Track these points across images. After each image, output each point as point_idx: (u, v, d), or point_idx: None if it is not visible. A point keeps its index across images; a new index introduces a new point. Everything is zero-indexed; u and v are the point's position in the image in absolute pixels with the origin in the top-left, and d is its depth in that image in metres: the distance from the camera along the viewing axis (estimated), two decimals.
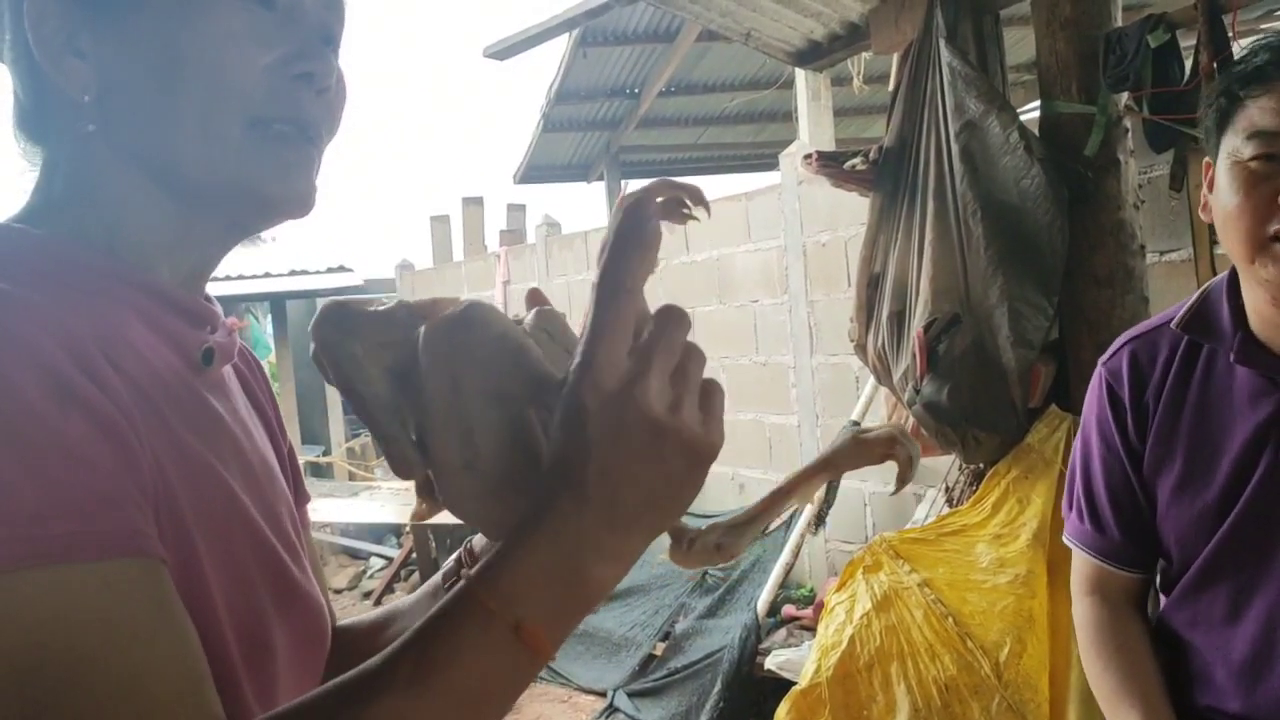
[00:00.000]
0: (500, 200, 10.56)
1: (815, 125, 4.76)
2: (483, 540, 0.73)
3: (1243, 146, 1.11)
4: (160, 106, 0.60)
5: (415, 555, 5.74)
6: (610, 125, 7.70)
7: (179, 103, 0.59)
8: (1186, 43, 2.21)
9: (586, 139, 7.94)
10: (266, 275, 8.28)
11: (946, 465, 2.81)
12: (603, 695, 3.95)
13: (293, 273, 8.45)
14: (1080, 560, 1.36)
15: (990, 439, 2.44)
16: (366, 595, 5.97)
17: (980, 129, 2.40)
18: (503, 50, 6.31)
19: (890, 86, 2.83)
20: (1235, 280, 1.21)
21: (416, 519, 0.65)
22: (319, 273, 8.63)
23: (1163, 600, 1.31)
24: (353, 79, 0.68)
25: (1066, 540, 1.38)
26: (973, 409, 2.41)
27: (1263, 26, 5.00)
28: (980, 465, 2.54)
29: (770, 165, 5.85)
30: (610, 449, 0.51)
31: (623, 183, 8.05)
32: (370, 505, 6.11)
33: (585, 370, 0.51)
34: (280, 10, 0.62)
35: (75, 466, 0.48)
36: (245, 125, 0.60)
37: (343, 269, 8.78)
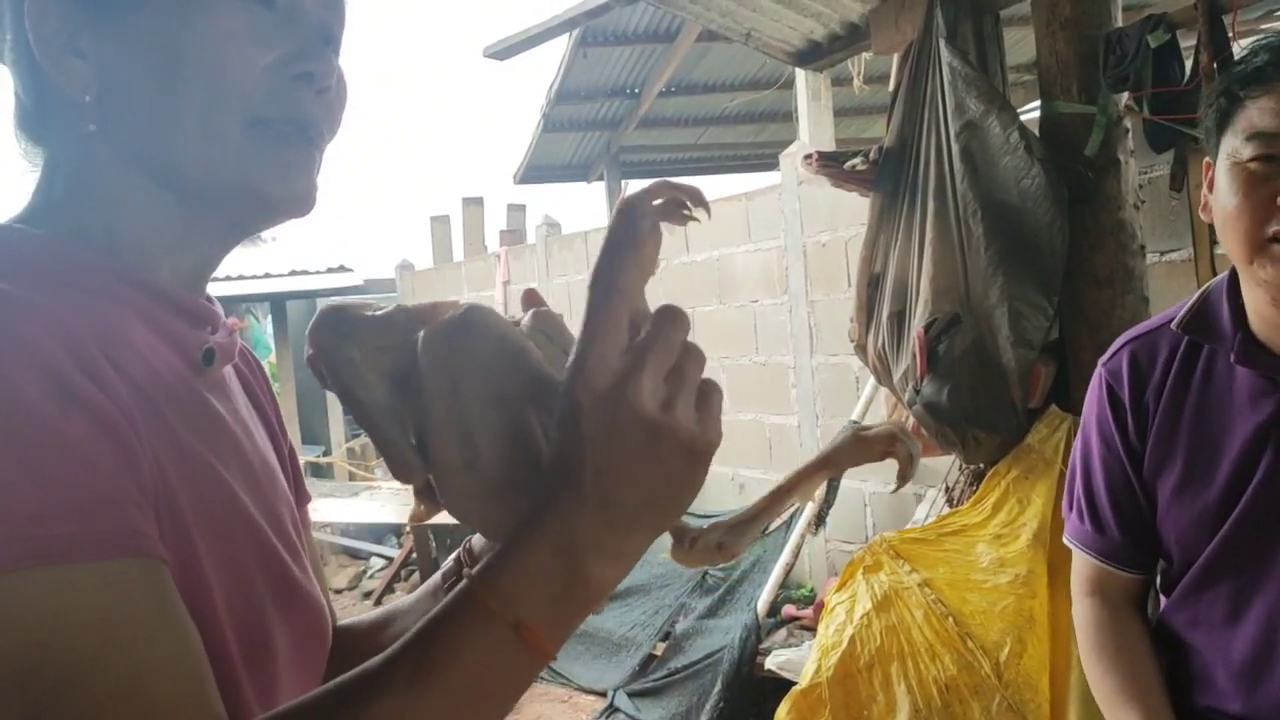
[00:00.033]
0: (500, 200, 10.57)
1: (815, 125, 4.76)
2: (482, 540, 0.73)
3: (1242, 147, 1.11)
4: (161, 106, 0.60)
5: (415, 555, 5.74)
6: (610, 125, 7.70)
7: (179, 102, 0.59)
8: (1186, 43, 2.21)
9: (586, 139, 7.93)
10: (266, 275, 8.28)
11: (947, 465, 2.81)
12: (603, 695, 3.95)
13: (293, 273, 8.45)
14: (1080, 561, 1.36)
15: (990, 439, 2.44)
16: (366, 595, 5.97)
17: (980, 129, 2.40)
18: (503, 50, 6.31)
19: (890, 86, 2.83)
20: (1235, 281, 1.21)
21: (415, 520, 0.65)
22: (319, 273, 8.63)
23: (1163, 601, 1.31)
24: (353, 79, 0.68)
25: (1067, 541, 1.38)
26: (973, 409, 2.41)
27: (1263, 27, 5.00)
28: (980, 465, 2.54)
29: (770, 165, 5.85)
30: (605, 448, 0.51)
31: (623, 183, 8.05)
32: (370, 505, 6.12)
33: (579, 370, 0.51)
34: (280, 10, 0.62)
35: (75, 466, 0.48)
36: (246, 125, 0.60)
37: (343, 269, 8.78)
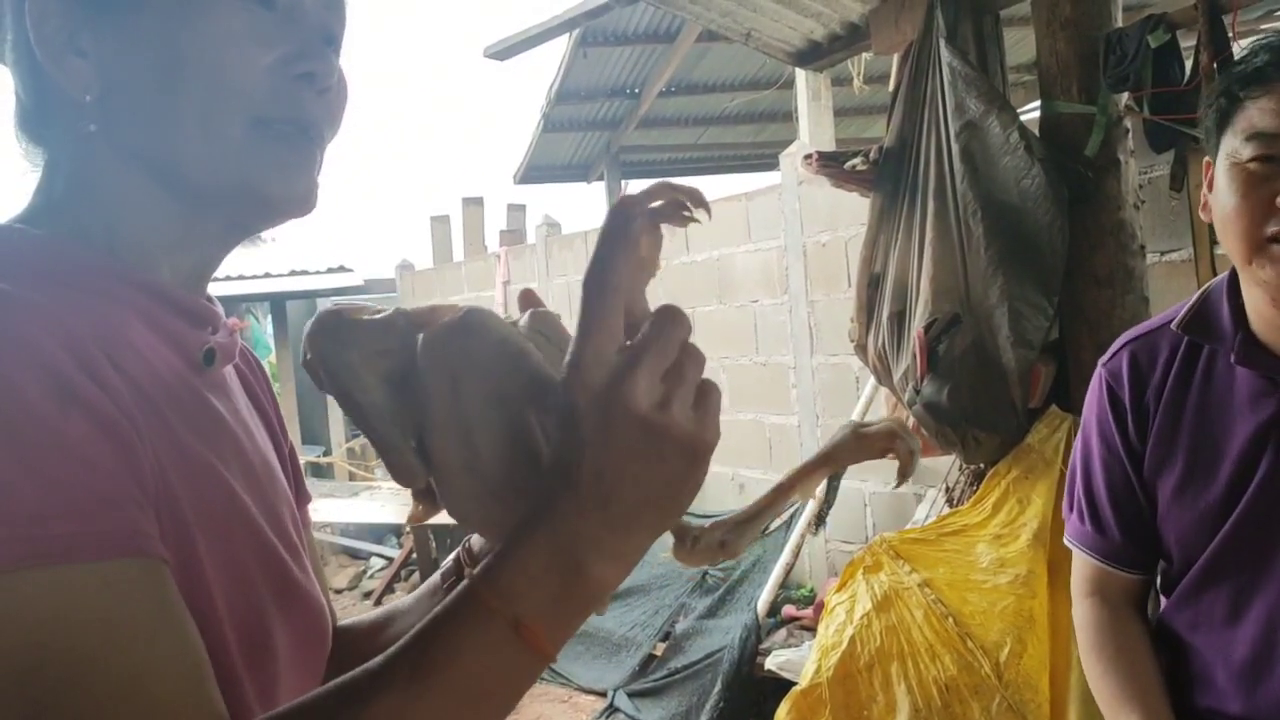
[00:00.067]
0: (500, 200, 10.57)
1: (815, 125, 4.76)
2: (482, 540, 0.73)
3: (1242, 147, 1.11)
4: (162, 106, 0.60)
5: (415, 555, 5.75)
6: (610, 125, 7.69)
7: (180, 102, 0.59)
8: (1187, 43, 2.21)
9: (587, 139, 7.93)
10: (267, 275, 8.28)
11: (947, 465, 2.81)
12: (603, 695, 3.95)
13: (293, 273, 8.45)
14: (1081, 562, 1.36)
15: (990, 439, 2.44)
16: (366, 595, 5.97)
17: (980, 129, 2.40)
18: (503, 50, 6.31)
19: (890, 87, 2.83)
20: (1235, 281, 1.20)
21: (413, 521, 0.65)
22: (319, 273, 8.63)
23: (1163, 602, 1.31)
24: (353, 79, 0.68)
25: (1068, 542, 1.38)
26: (973, 409, 2.42)
27: (1263, 27, 5.00)
28: (980, 465, 2.54)
29: (770, 165, 5.85)
30: (602, 447, 0.50)
31: (623, 183, 8.05)
32: (370, 505, 6.12)
33: (574, 369, 0.51)
34: (281, 10, 0.62)
35: (76, 466, 0.48)
36: (247, 125, 0.60)
37: (343, 269, 8.78)
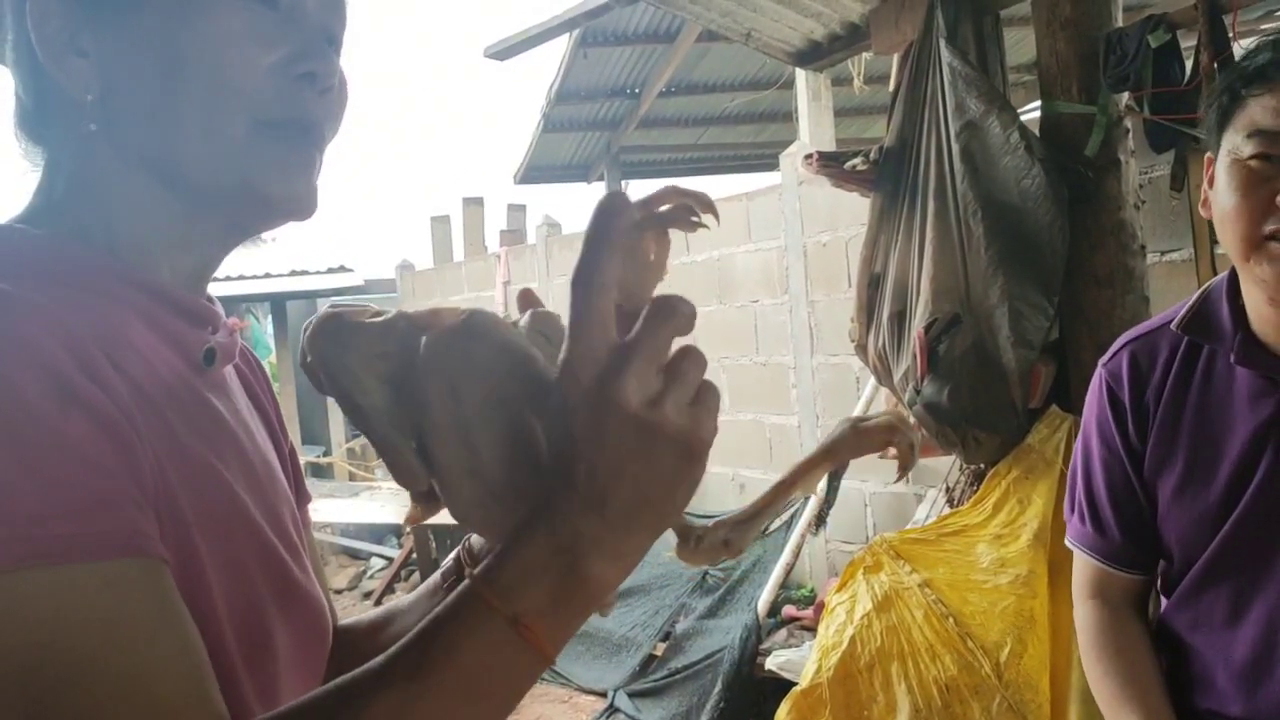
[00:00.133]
0: (500, 200, 10.57)
1: (815, 125, 4.76)
2: (482, 540, 0.73)
3: (1242, 145, 1.11)
4: (162, 106, 0.60)
5: (415, 555, 5.75)
6: (610, 125, 7.69)
7: (181, 102, 0.59)
8: (1187, 43, 2.21)
9: (587, 139, 7.93)
10: (267, 275, 8.28)
11: (947, 466, 2.81)
12: (603, 695, 3.95)
13: (293, 273, 8.45)
14: (1081, 563, 1.36)
15: (991, 439, 2.44)
16: (366, 595, 5.97)
17: (981, 129, 2.40)
18: (503, 50, 6.31)
19: (890, 87, 2.83)
20: (1235, 280, 1.20)
21: (411, 522, 0.65)
22: (319, 273, 8.63)
23: (1163, 602, 1.31)
24: (354, 79, 0.68)
25: (1069, 544, 1.38)
26: (973, 409, 2.42)
27: (1263, 27, 4.99)
28: (981, 466, 2.54)
29: (771, 165, 5.85)
30: (595, 445, 0.50)
31: (623, 183, 8.05)
32: (370, 505, 6.12)
33: (566, 368, 0.51)
34: (282, 10, 0.62)
35: (76, 466, 0.48)
36: (248, 125, 0.60)
37: (343, 269, 8.78)
